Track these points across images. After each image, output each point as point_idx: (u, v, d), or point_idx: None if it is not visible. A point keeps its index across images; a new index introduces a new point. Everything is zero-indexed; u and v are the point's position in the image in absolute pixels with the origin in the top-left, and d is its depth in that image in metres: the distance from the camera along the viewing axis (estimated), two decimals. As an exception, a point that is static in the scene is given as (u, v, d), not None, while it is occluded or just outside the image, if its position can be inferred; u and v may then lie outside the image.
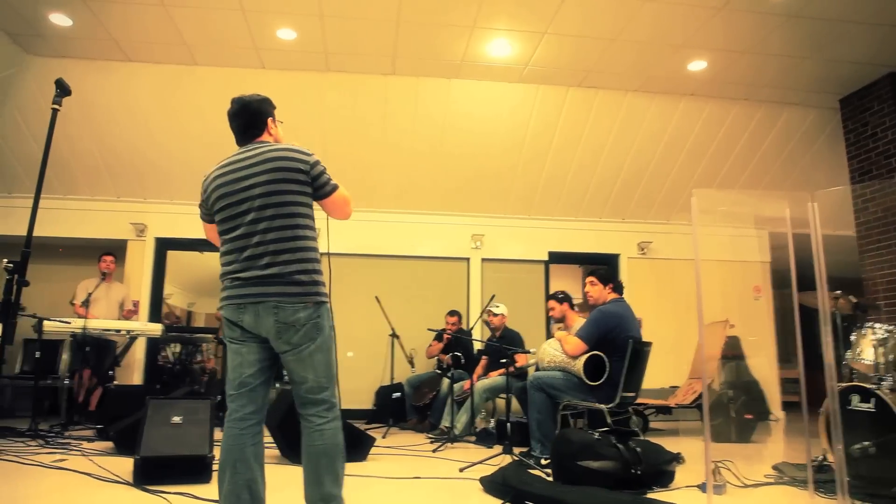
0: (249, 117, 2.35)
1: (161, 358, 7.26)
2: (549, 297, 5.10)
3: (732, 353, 6.17)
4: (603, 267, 4.41)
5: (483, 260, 7.55)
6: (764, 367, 6.60)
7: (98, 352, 6.15)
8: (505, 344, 5.72)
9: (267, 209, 2.17)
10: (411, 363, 6.31)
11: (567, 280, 8.48)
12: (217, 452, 2.24)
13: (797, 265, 3.25)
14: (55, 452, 4.30)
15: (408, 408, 6.33)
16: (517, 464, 3.64)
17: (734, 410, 5.45)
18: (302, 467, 2.22)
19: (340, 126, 6.54)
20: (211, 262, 6.19)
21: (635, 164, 7.00)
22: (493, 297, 5.95)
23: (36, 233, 2.31)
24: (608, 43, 5.39)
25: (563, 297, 4.87)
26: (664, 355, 5.71)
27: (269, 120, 2.38)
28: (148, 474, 3.31)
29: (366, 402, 6.87)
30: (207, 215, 2.36)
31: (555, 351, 4.12)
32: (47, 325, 5.38)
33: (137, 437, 3.45)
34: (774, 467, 3.87)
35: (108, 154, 6.65)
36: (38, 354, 5.23)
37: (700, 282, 2.89)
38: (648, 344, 4.20)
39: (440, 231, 7.52)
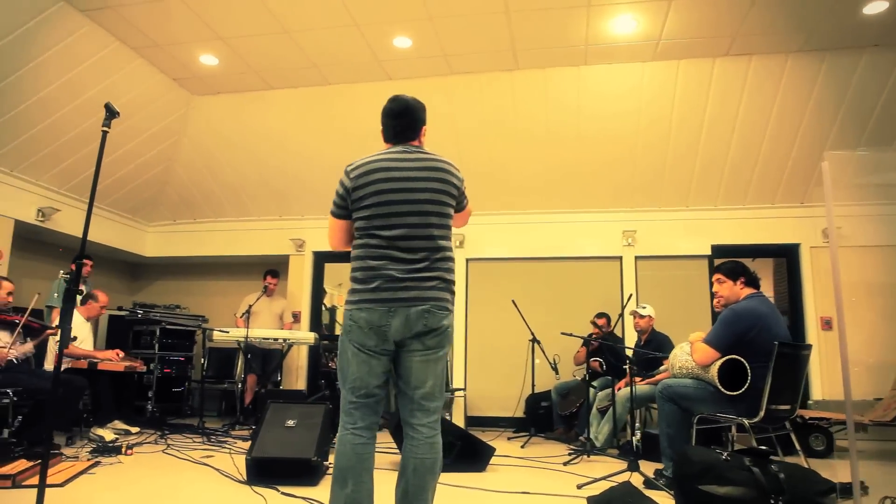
0: (412, 120, 2.32)
1: (324, 364, 7.74)
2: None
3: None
4: (732, 260, 3.74)
5: (637, 258, 6.96)
6: None
7: (262, 359, 6.71)
8: (652, 349, 5.20)
9: (431, 216, 2.18)
10: (555, 370, 5.97)
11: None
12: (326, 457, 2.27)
13: None
14: (209, 449, 4.71)
15: (554, 416, 6.02)
16: (627, 485, 3.20)
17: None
18: (399, 479, 2.17)
19: (472, 129, 6.46)
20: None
21: (810, 136, 5.97)
22: (631, 296, 5.40)
23: (210, 252, 2.50)
24: (754, -1, 4.66)
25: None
26: (862, 361, 4.77)
27: (424, 128, 2.38)
28: (258, 474, 3.46)
29: (508, 409, 6.67)
30: (345, 210, 2.26)
31: (687, 356, 3.59)
32: (216, 335, 5.97)
33: (253, 438, 3.63)
34: None
35: (270, 176, 7.27)
36: (203, 362, 5.81)
37: (837, 271, 2.29)
38: (803, 347, 3.49)
39: (587, 229, 7.09)
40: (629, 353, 5.51)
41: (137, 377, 6.84)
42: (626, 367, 5.19)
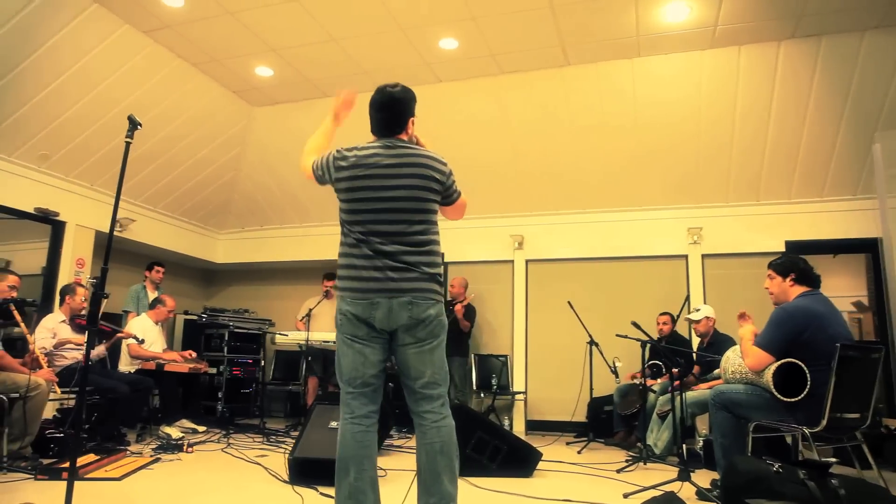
0: (397, 113, 2.34)
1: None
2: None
3: None
4: (788, 255, 3.46)
5: (704, 256, 6.63)
6: None
7: (323, 361, 6.85)
8: (714, 352, 4.93)
9: (408, 212, 2.22)
10: (615, 373, 5.76)
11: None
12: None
13: None
14: (266, 449, 4.85)
15: (614, 419, 5.81)
16: (670, 495, 3.02)
17: None
18: (417, 473, 2.20)
19: (525, 128, 6.37)
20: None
21: (893, 119, 5.48)
22: (687, 299, 5.13)
23: (276, 257, 2.64)
24: (820, -24, 4.34)
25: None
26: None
27: (412, 120, 2.38)
28: (300, 474, 3.52)
29: (570, 413, 6.49)
30: (325, 180, 2.34)
31: (740, 359, 3.36)
32: (278, 339, 6.15)
33: (297, 439, 3.70)
34: None
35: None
36: (262, 362, 5.98)
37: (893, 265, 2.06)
38: (873, 349, 3.19)
39: (650, 227, 6.82)
40: (668, 354, 5.28)
41: (209, 378, 7.17)
42: (674, 369, 4.95)
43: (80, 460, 3.73)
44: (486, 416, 6.35)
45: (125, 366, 5.42)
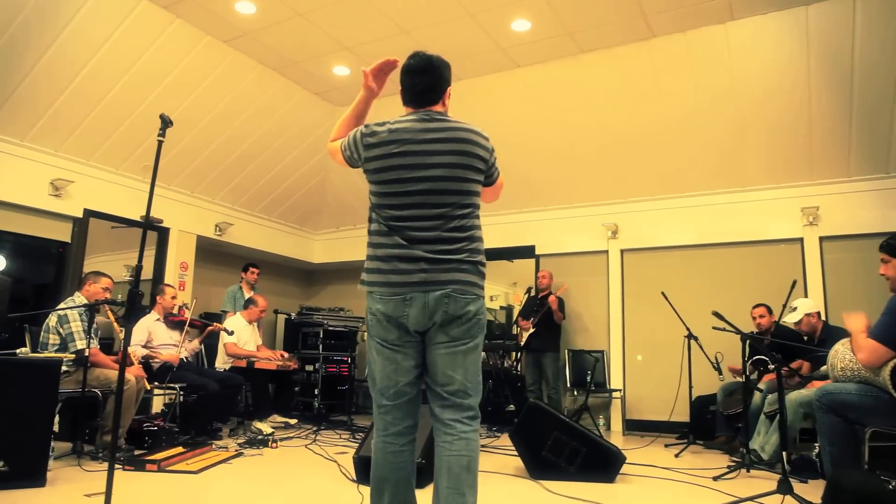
0: (435, 80, 2.09)
1: (485, 362, 7.69)
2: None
3: None
4: None
5: (822, 239, 5.91)
6: None
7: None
8: (827, 348, 4.35)
9: (450, 194, 1.98)
10: (718, 370, 5.27)
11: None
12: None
13: None
14: (349, 446, 4.87)
15: (717, 420, 5.32)
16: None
17: None
18: (435, 479, 1.95)
19: (612, 110, 5.98)
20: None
21: None
22: (795, 283, 4.52)
23: None
24: None
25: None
26: None
27: (449, 90, 2.14)
28: (366, 472, 3.45)
29: (665, 412, 6.02)
30: (355, 161, 2.09)
31: (851, 354, 2.90)
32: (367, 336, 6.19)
33: (364, 438, 3.65)
34: None
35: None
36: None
37: None
38: None
39: (758, 209, 6.18)
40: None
41: (306, 375, 7.37)
42: (784, 368, 4.41)
43: (167, 453, 3.91)
44: (579, 414, 6.06)
45: (220, 363, 5.66)
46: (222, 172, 6.83)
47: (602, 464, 3.76)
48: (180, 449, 4.09)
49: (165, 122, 2.41)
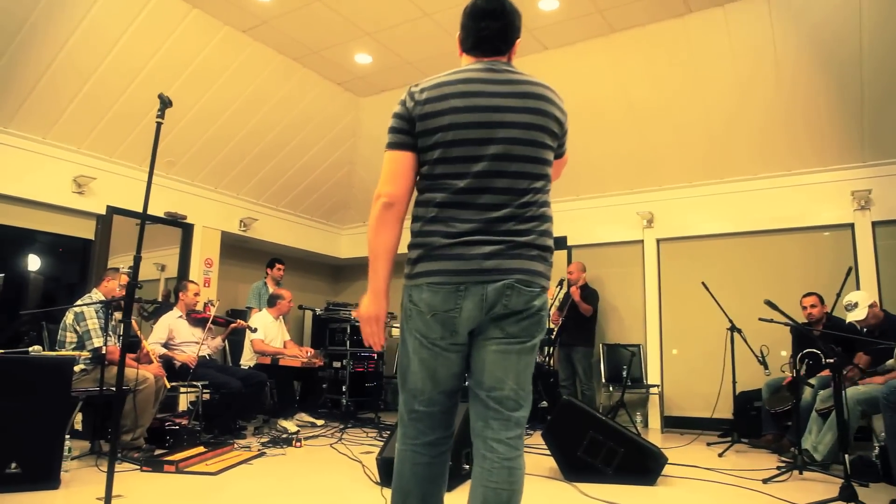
0: (507, 27, 1.70)
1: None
2: None
3: None
4: None
5: (875, 224, 5.54)
6: None
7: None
8: (890, 339, 4.03)
9: (523, 161, 1.62)
10: (763, 364, 4.96)
11: None
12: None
13: None
14: (375, 445, 4.71)
15: (763, 418, 5.02)
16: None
17: None
18: None
19: (646, 93, 5.69)
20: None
21: None
22: (851, 270, 4.17)
23: (402, 250, 1.79)
24: None
25: None
26: None
27: (518, 41, 1.76)
28: (388, 475, 3.27)
29: (707, 408, 5.72)
30: (409, 136, 1.65)
31: (922, 346, 2.60)
32: (394, 332, 6.03)
33: (388, 438, 3.48)
34: None
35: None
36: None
37: None
38: None
39: (804, 193, 5.81)
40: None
41: (334, 372, 7.26)
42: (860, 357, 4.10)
43: (187, 453, 3.79)
44: (615, 411, 5.80)
45: (246, 360, 5.56)
46: (246, 167, 6.73)
47: (642, 465, 3.52)
48: (201, 449, 3.98)
49: (164, 103, 2.26)
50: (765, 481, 3.55)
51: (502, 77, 1.65)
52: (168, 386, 4.14)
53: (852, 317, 4.30)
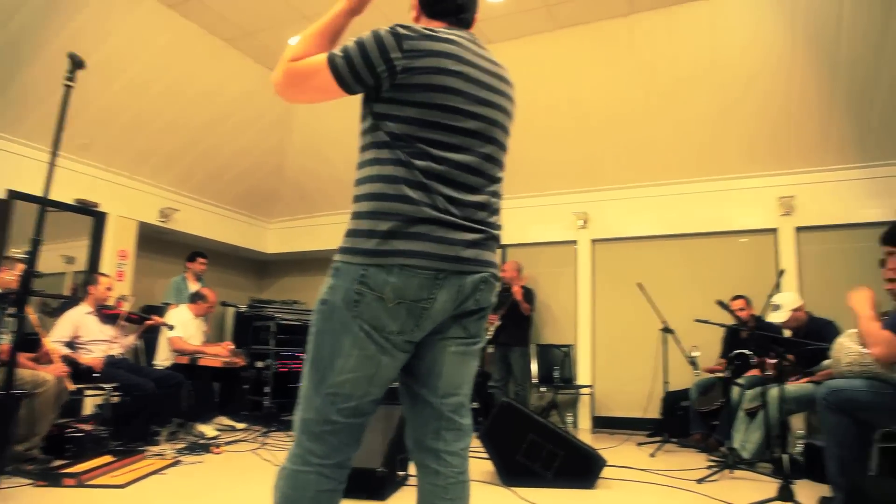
0: None
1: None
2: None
3: None
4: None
5: (798, 229, 5.74)
6: None
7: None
8: (813, 340, 4.14)
9: (493, 145, 1.47)
10: (693, 364, 5.04)
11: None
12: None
13: None
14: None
15: (691, 417, 5.08)
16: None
17: None
18: None
19: (588, 91, 5.69)
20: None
21: None
22: (783, 272, 4.28)
23: (328, 246, 1.50)
24: None
25: None
26: None
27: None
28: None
29: (642, 408, 5.79)
30: (365, 77, 1.37)
31: (859, 349, 2.64)
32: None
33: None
34: None
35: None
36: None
37: None
38: None
39: (733, 198, 5.97)
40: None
41: (256, 373, 6.90)
42: (769, 360, 4.19)
43: (91, 463, 3.43)
44: (547, 412, 5.77)
45: (162, 360, 5.16)
46: (168, 154, 6.28)
47: (581, 468, 3.45)
48: (108, 458, 3.61)
49: (75, 63, 1.99)
50: (699, 481, 3.55)
51: (484, 53, 1.49)
52: (72, 388, 3.73)
53: (774, 318, 4.41)
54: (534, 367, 6.22)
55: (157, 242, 7.06)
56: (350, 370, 1.35)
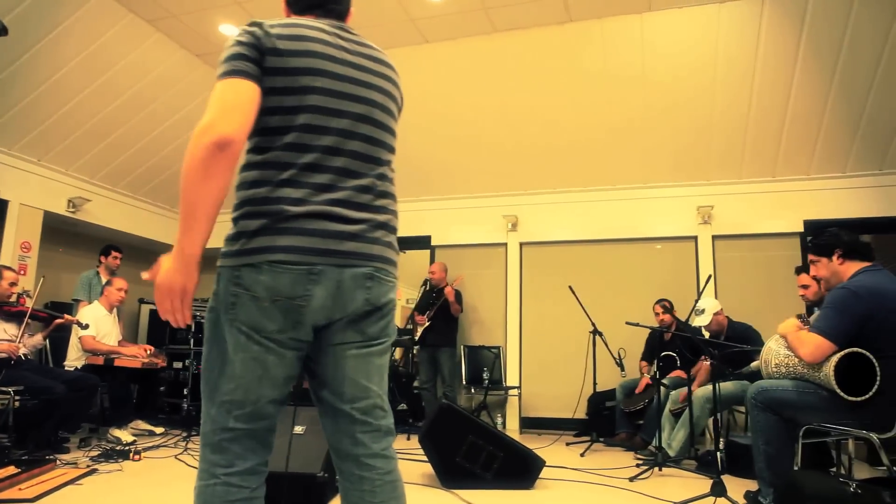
0: None
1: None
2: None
3: None
4: (821, 230, 2.93)
5: (715, 237, 6.07)
6: None
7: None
8: (733, 341, 4.38)
9: (382, 130, 1.45)
10: (620, 365, 5.21)
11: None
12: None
13: None
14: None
15: (617, 417, 5.26)
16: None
17: None
18: None
19: (521, 95, 5.75)
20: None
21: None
22: (710, 278, 4.51)
23: None
24: None
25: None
26: None
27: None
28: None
29: (569, 409, 5.94)
30: (259, 67, 1.32)
31: (786, 351, 2.80)
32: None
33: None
34: None
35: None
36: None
37: None
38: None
39: (656, 206, 6.24)
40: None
41: (174, 374, 6.55)
42: (706, 360, 4.41)
43: (-5, 475, 3.12)
44: (477, 413, 5.79)
45: (73, 360, 4.79)
46: (80, 138, 5.83)
47: (520, 469, 3.48)
48: (13, 469, 3.29)
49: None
50: (631, 479, 3.67)
51: (354, 38, 1.47)
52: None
53: (698, 321, 4.63)
54: (463, 368, 6.24)
55: (65, 234, 6.55)
56: (238, 375, 1.31)
